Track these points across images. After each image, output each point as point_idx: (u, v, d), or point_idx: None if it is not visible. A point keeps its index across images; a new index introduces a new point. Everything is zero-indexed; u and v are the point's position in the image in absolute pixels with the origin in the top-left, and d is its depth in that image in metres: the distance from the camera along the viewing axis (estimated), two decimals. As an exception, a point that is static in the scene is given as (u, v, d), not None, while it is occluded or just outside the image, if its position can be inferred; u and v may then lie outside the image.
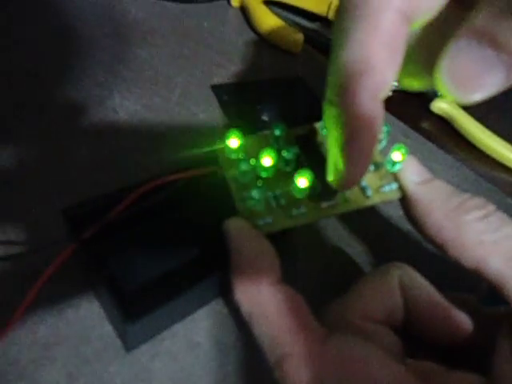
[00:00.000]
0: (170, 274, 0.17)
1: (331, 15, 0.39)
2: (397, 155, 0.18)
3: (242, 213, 0.16)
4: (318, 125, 0.20)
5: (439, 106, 0.36)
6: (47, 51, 0.28)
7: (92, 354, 0.17)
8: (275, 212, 0.17)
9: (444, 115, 0.36)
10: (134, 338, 0.16)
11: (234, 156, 0.18)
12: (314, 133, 0.19)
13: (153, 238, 0.18)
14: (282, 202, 0.17)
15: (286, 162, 0.17)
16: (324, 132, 0.19)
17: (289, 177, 0.17)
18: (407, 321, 0.17)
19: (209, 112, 0.28)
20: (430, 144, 0.31)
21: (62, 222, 0.18)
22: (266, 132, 0.19)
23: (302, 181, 0.16)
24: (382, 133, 0.19)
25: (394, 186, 0.18)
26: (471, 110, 0.35)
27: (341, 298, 0.17)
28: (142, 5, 0.35)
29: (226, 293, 0.18)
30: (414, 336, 0.17)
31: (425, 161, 0.19)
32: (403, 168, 0.18)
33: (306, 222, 0.17)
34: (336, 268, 0.22)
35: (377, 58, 0.12)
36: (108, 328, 0.17)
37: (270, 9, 0.37)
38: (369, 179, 0.18)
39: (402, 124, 0.32)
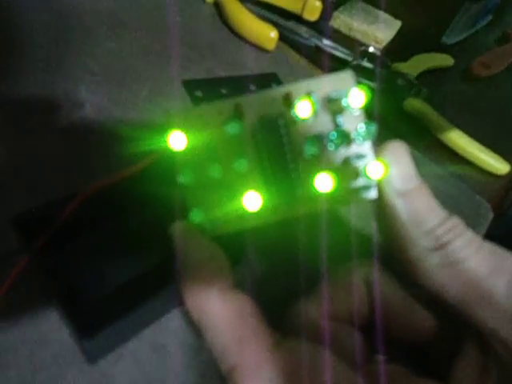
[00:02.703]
0: (129, 283, 0.16)
1: (306, 13, 0.39)
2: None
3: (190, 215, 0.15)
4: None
5: (411, 104, 0.36)
6: (9, 44, 0.27)
7: (49, 360, 0.16)
8: (225, 213, 0.15)
9: (416, 114, 0.36)
10: (94, 351, 0.16)
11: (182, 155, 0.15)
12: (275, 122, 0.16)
13: (110, 245, 0.17)
14: (233, 201, 0.15)
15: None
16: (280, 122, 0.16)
17: (242, 177, 0.15)
18: (373, 319, 0.17)
19: (180, 108, 0.28)
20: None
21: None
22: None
23: (253, 195, 0.14)
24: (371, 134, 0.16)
25: (364, 182, 0.16)
26: (443, 109, 0.36)
27: (303, 298, 0.17)
28: (112, -3, 0.34)
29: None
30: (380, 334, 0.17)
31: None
32: (389, 171, 0.15)
33: (259, 224, 0.15)
34: (293, 272, 0.20)
35: None
36: (66, 332, 0.16)
37: (244, 5, 0.37)
38: (334, 177, 0.15)
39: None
